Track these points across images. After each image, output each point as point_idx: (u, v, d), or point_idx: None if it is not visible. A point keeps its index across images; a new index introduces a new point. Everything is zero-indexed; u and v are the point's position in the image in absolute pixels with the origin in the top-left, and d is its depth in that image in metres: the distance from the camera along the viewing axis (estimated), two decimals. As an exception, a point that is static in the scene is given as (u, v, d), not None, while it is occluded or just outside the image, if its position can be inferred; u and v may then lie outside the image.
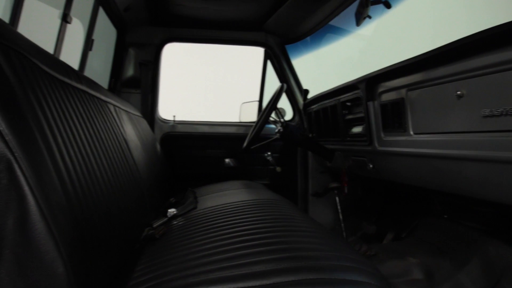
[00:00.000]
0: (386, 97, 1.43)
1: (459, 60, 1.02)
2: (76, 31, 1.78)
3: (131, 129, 1.50)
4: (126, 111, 1.56)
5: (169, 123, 2.48)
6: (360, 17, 1.75)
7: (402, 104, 1.30)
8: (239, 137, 2.42)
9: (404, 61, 1.26)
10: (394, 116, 1.37)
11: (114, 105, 1.35)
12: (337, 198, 2.06)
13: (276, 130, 2.01)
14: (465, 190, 1.09)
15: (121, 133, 1.29)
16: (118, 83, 2.34)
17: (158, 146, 2.17)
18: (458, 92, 1.01)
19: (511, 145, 0.87)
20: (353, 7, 1.85)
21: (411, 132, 1.28)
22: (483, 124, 0.95)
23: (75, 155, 0.74)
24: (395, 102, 1.34)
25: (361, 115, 1.64)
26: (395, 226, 2.01)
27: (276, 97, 1.83)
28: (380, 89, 1.46)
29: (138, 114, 1.99)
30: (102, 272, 0.71)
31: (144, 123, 2.02)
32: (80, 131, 0.83)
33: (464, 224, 1.60)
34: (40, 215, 0.52)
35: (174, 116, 2.49)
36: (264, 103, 2.53)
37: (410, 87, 1.26)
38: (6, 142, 0.51)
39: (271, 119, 2.14)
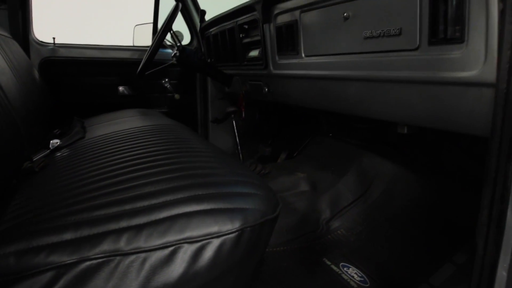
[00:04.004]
0: (281, 19, 1.42)
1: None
2: None
3: None
4: None
5: (48, 46, 2.14)
6: None
7: (296, 26, 1.31)
8: (134, 63, 2.22)
9: None
10: (288, 39, 1.38)
11: None
12: (234, 122, 2.10)
13: (172, 55, 1.90)
14: (346, 108, 1.20)
15: None
16: None
17: (37, 73, 1.88)
18: (345, 14, 1.05)
19: (384, 65, 0.96)
20: None
21: (303, 55, 1.32)
22: (364, 45, 1.01)
23: None
24: (289, 25, 1.35)
25: (258, 38, 1.62)
26: (288, 146, 2.17)
27: (169, 18, 1.69)
28: (276, 11, 1.45)
29: (6, 34, 1.67)
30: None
31: (15, 45, 1.71)
32: None
33: (345, 141, 1.80)
34: None
35: (54, 38, 2.15)
36: (160, 26, 2.34)
37: (303, 8, 1.26)
38: None
39: (167, 43, 2.00)
